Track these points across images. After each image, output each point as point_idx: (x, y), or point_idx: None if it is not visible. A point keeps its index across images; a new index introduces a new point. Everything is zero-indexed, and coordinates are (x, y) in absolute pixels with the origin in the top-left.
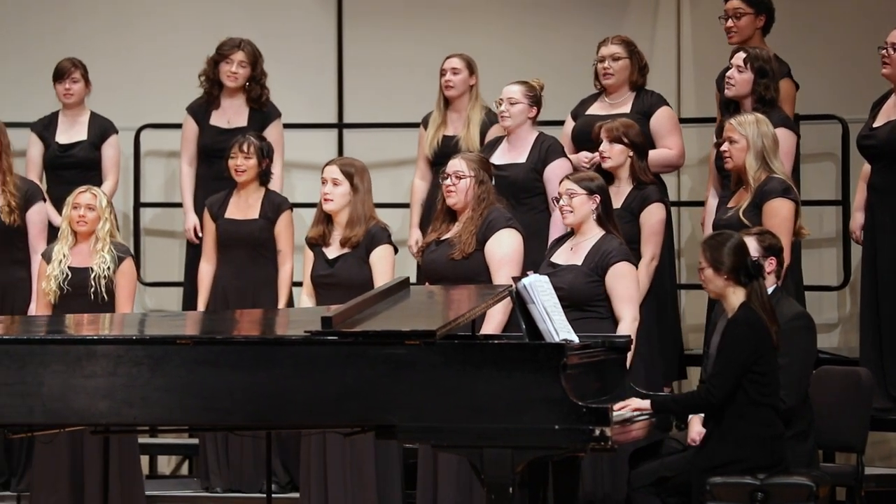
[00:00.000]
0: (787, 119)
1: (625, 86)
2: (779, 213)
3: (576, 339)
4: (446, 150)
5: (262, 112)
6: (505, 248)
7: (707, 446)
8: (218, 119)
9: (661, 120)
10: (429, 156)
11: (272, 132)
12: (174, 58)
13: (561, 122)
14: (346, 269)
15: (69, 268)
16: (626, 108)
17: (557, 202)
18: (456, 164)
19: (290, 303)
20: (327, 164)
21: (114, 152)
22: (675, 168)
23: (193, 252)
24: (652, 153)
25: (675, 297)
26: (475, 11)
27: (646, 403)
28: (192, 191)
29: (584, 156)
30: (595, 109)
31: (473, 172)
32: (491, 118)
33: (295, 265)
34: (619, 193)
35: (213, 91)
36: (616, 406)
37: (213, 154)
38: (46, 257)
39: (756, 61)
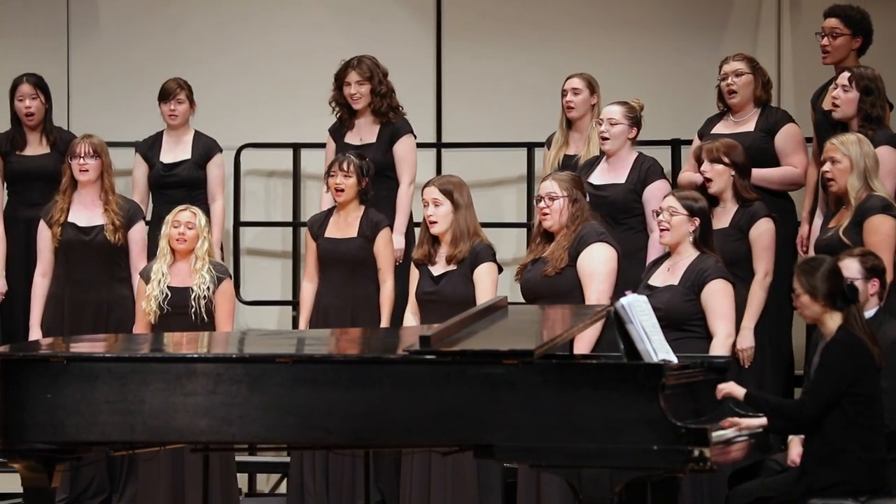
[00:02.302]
0: (893, 137)
1: (749, 103)
2: (879, 229)
3: (674, 360)
4: (567, 169)
5: (392, 127)
6: (596, 262)
7: (808, 468)
8: (351, 138)
9: (785, 138)
10: None
11: (400, 148)
12: (273, 78)
13: (659, 143)
14: (450, 287)
15: (168, 287)
16: (751, 126)
17: (657, 216)
18: (548, 186)
19: (393, 320)
20: (426, 186)
21: (219, 172)
22: (799, 186)
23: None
24: (776, 171)
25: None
26: (574, 30)
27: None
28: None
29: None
30: (720, 128)
31: (566, 192)
32: None
33: (400, 282)
34: (726, 213)
35: (344, 114)
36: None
37: None
38: (145, 276)
39: (861, 80)
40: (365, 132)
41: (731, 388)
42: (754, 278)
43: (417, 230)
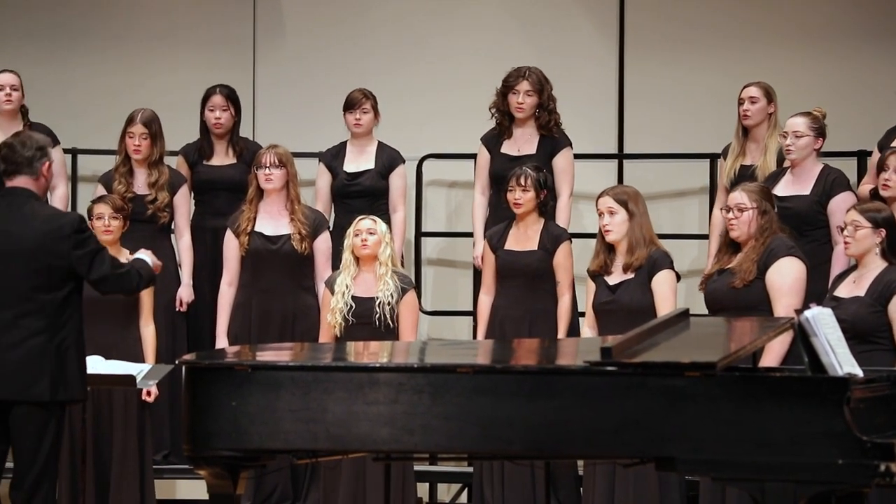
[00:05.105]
0: None
1: None
2: None
3: (860, 373)
4: (743, 179)
5: (552, 140)
6: (786, 276)
7: None
8: (509, 147)
9: None
10: (727, 186)
11: (560, 161)
12: (456, 88)
13: (845, 154)
14: (627, 295)
15: (353, 298)
16: None
17: (842, 231)
18: (737, 197)
19: (569, 335)
20: (600, 196)
21: (401, 183)
22: None
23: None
24: None
25: None
26: (757, 40)
27: None
28: (484, 219)
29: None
30: None
31: (755, 203)
32: None
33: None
34: None
35: (503, 122)
36: None
37: (503, 182)
38: (330, 287)
39: None
40: (523, 143)
41: None
42: None
43: (576, 240)
